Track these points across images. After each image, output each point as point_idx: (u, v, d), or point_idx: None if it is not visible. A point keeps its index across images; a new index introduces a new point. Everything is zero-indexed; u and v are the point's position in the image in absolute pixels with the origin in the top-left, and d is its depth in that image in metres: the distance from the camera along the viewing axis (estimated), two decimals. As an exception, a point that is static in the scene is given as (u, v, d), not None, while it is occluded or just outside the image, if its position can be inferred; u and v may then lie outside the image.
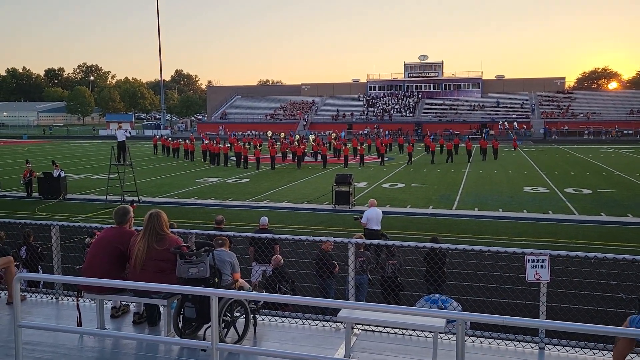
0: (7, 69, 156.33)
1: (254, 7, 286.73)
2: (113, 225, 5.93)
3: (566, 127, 68.46)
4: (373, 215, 13.64)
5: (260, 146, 42.47)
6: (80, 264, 10.00)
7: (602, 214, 19.98)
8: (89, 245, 10.37)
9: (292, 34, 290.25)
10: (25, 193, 25.12)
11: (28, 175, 25.13)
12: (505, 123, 70.10)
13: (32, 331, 5.50)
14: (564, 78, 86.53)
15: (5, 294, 6.94)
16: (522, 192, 25.22)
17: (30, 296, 7.01)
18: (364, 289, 9.65)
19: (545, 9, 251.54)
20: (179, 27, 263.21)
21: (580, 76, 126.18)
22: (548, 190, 25.69)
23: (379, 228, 13.56)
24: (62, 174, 24.85)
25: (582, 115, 71.92)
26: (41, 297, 7.00)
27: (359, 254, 8.97)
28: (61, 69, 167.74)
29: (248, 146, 41.15)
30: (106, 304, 6.11)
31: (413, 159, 39.23)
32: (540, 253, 5.35)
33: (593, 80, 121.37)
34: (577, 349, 5.29)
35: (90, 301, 6.37)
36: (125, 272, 5.68)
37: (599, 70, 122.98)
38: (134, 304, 6.14)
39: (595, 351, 5.22)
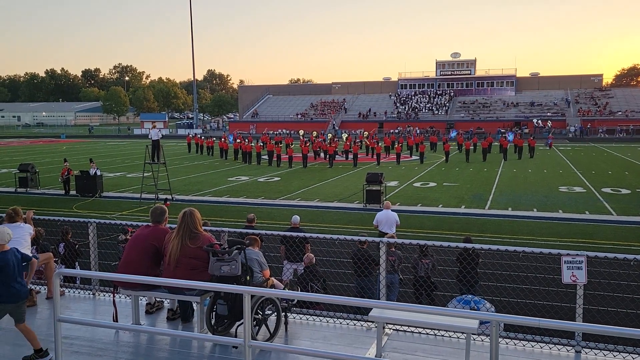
0: (46, 70, 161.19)
1: (286, 7, 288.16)
2: (149, 224, 6.05)
3: (585, 126, 66.58)
4: (382, 218, 13.30)
5: (292, 145, 42.65)
6: (115, 260, 10.24)
7: (641, 214, 19.39)
8: (122, 242, 10.62)
9: (323, 33, 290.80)
10: (63, 191, 25.82)
11: (66, 173, 25.82)
12: (539, 121, 68.67)
13: (70, 325, 5.65)
14: (601, 75, 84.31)
15: (44, 289, 7.15)
16: (557, 192, 24.67)
17: (69, 291, 7.21)
18: (395, 288, 9.59)
19: (583, 4, 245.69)
20: (212, 27, 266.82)
21: (618, 73, 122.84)
22: (584, 190, 25.06)
23: (392, 232, 13.26)
24: (98, 172, 25.45)
25: (620, 113, 69.87)
26: (79, 293, 7.19)
27: (390, 253, 8.92)
28: (97, 70, 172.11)
29: (280, 144, 41.35)
30: (141, 300, 6.24)
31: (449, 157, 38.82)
32: (577, 254, 5.23)
33: (632, 77, 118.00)
34: (614, 353, 5.16)
35: (125, 297, 6.51)
36: (160, 269, 5.79)
37: (639, 66, 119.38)
38: (168, 300, 6.25)
39: (634, 355, 5.08)
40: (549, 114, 72.42)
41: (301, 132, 62.16)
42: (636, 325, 5.87)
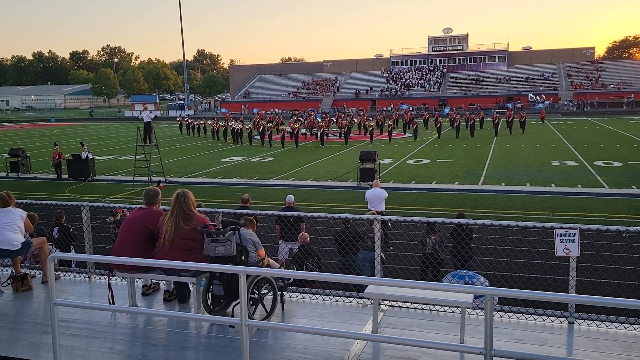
0: (34, 52, 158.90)
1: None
2: (142, 206, 6.03)
3: (553, 101, 66.80)
4: (370, 196, 13.45)
5: (282, 124, 42.45)
6: (109, 243, 10.23)
7: (633, 186, 19.52)
8: (112, 224, 10.59)
9: (313, 11, 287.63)
10: (55, 175, 25.68)
11: (57, 157, 25.64)
12: (531, 95, 68.78)
13: (66, 309, 5.67)
14: (593, 48, 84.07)
15: (40, 273, 7.15)
16: (550, 166, 24.78)
17: (64, 275, 7.21)
18: (379, 264, 9.60)
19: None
20: (201, 6, 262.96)
21: (610, 45, 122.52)
22: (577, 164, 25.19)
23: (382, 209, 13.32)
24: (90, 156, 25.29)
25: (612, 86, 69.91)
26: (74, 276, 7.19)
27: (370, 230, 8.90)
28: (85, 52, 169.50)
29: (270, 124, 41.09)
30: (137, 282, 6.25)
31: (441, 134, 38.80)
32: (570, 227, 5.26)
33: (624, 49, 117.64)
34: (607, 323, 5.23)
35: (121, 280, 6.52)
36: (154, 251, 5.79)
37: (630, 38, 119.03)
38: (164, 282, 6.26)
39: (626, 325, 5.16)
40: (541, 88, 72.38)
41: (297, 112, 61.62)
42: (628, 296, 5.95)
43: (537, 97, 67.80)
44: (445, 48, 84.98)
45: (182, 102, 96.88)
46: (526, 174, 22.95)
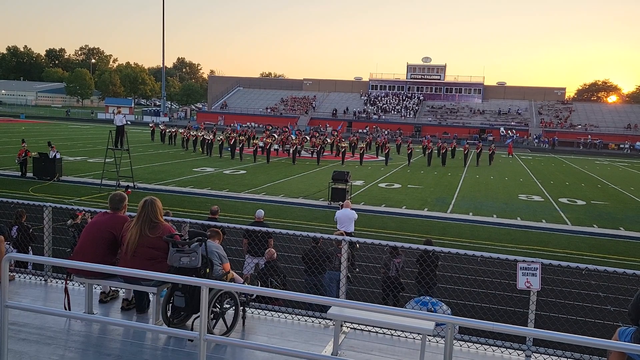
0: (8, 46, 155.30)
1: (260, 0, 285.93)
2: (107, 210, 5.90)
3: (519, 136, 68.69)
4: (340, 217, 13.53)
5: (254, 138, 42.33)
6: (70, 247, 9.96)
7: (594, 225, 20.04)
8: (71, 227, 10.32)
9: (296, 28, 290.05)
10: (20, 172, 25.01)
11: (23, 154, 25.01)
12: (502, 129, 70.41)
13: (19, 312, 5.47)
14: (564, 88, 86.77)
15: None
16: (517, 200, 25.27)
17: (19, 277, 6.97)
18: (342, 285, 9.61)
19: (551, 21, 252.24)
20: (184, 14, 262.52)
21: (580, 87, 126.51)
22: (543, 199, 25.75)
23: (351, 230, 13.38)
24: (58, 156, 24.74)
25: (580, 126, 72.09)
26: (30, 278, 6.96)
27: (339, 250, 8.91)
28: (62, 50, 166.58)
29: (242, 138, 40.89)
30: (95, 288, 6.08)
31: (411, 160, 39.26)
32: (532, 261, 5.35)
33: (593, 92, 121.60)
34: (563, 359, 5.30)
35: (79, 285, 6.33)
36: (116, 257, 5.65)
37: (600, 82, 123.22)
38: (124, 290, 6.11)
39: (581, 362, 5.24)
40: (513, 123, 74.16)
41: (270, 127, 61.55)
42: (585, 333, 6.07)
43: (508, 131, 69.40)
44: (423, 76, 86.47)
45: (158, 108, 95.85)
46: (494, 205, 23.35)
